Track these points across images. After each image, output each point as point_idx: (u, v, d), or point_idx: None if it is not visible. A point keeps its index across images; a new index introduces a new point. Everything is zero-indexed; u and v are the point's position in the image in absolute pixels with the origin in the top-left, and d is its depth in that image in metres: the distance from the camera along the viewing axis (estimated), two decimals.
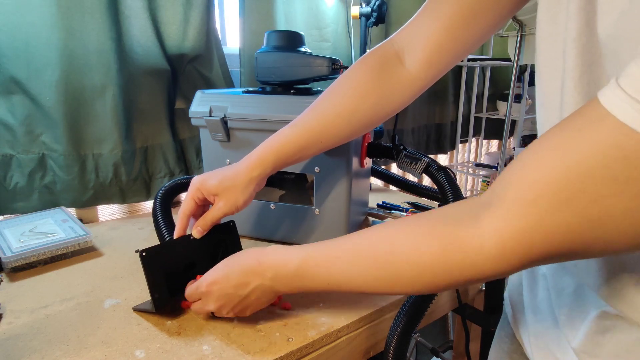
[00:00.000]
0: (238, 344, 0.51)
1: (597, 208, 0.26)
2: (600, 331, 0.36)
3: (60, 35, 0.80)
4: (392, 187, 1.08)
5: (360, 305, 0.60)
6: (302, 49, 0.78)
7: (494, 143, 2.17)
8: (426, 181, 1.08)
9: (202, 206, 0.60)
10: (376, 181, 1.23)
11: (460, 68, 1.78)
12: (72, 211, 0.92)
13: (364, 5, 1.14)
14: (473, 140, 1.98)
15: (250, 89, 0.85)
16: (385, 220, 0.94)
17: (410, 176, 0.93)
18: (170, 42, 0.96)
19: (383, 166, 1.52)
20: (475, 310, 0.73)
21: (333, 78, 0.72)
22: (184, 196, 0.72)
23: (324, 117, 0.56)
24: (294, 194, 0.82)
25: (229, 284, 0.50)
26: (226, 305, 0.51)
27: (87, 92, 0.86)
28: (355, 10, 1.17)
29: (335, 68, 0.75)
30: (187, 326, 0.54)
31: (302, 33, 0.79)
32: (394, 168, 1.58)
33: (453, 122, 1.81)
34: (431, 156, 0.86)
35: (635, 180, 0.25)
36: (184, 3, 0.94)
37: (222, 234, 0.62)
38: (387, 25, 1.38)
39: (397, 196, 1.11)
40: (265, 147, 0.56)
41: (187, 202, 0.58)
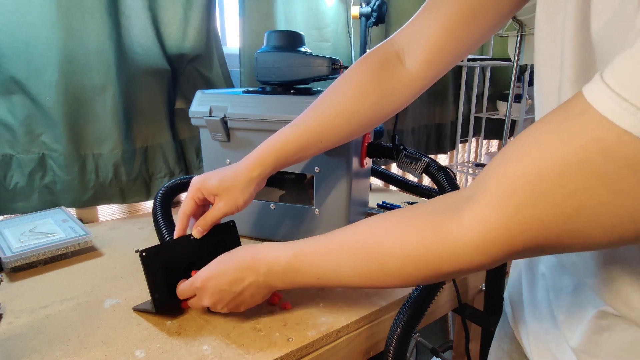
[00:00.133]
0: (238, 344, 0.51)
1: (573, 202, 0.26)
2: (598, 331, 0.36)
3: (60, 35, 0.80)
4: (392, 187, 1.08)
5: (360, 305, 0.60)
6: (302, 49, 0.78)
7: (494, 143, 2.17)
8: (426, 181, 1.08)
9: (202, 206, 0.60)
10: (376, 181, 1.23)
11: (460, 68, 1.77)
12: (72, 211, 0.92)
13: (364, 5, 1.14)
14: (473, 140, 1.98)
15: (250, 89, 0.85)
16: None
17: (410, 176, 0.93)
18: (170, 42, 0.96)
19: (383, 166, 1.52)
20: (475, 310, 0.73)
21: (333, 78, 0.72)
22: (184, 196, 0.72)
23: (324, 117, 0.57)
24: (294, 194, 0.82)
25: (224, 280, 0.50)
26: (221, 300, 0.51)
27: (87, 92, 0.86)
28: (355, 10, 1.17)
29: (335, 68, 0.75)
30: (187, 326, 0.54)
31: (302, 33, 0.79)
32: (394, 168, 1.58)
33: (453, 122, 1.81)
34: (431, 156, 0.86)
35: (612, 174, 0.25)
36: (184, 3, 0.94)
37: (223, 234, 0.62)
38: (387, 25, 1.38)
39: (397, 196, 1.11)
40: (265, 147, 0.56)
41: (187, 202, 0.58)
